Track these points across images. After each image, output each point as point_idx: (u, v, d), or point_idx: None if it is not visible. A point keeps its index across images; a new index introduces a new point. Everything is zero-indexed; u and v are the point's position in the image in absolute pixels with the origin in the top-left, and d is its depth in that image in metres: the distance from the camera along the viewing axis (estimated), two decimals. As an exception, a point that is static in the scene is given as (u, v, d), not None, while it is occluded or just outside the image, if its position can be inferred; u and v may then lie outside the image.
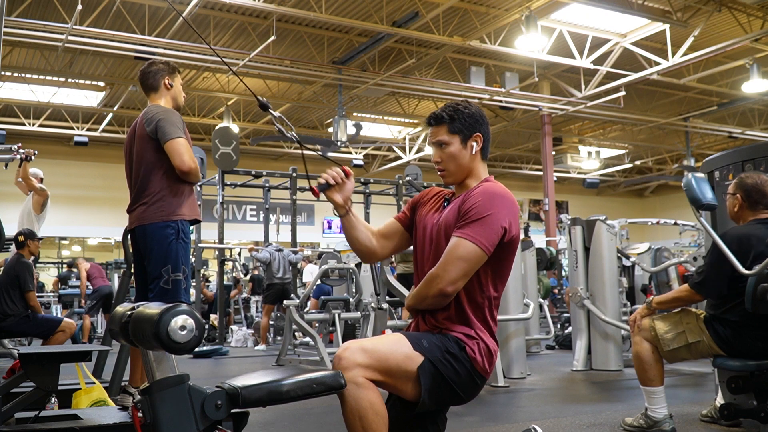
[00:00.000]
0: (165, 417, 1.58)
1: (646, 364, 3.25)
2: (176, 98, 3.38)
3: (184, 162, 3.10)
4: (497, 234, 1.97)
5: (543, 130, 14.91)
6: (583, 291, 5.95)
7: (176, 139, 3.11)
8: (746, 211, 3.24)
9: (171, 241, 3.15)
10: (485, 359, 2.02)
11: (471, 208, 1.99)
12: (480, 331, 2.02)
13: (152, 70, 3.35)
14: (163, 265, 3.12)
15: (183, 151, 3.11)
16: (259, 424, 3.69)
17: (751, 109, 16.60)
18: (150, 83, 3.35)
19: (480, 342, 2.01)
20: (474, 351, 1.99)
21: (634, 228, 17.50)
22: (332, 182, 2.09)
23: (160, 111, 3.20)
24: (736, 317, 3.08)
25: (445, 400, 2.01)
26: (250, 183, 10.70)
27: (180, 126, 3.17)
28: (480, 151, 2.12)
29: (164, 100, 3.34)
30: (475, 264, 1.96)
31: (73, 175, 16.25)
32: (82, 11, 8.89)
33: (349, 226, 2.17)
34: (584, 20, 10.84)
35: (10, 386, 2.70)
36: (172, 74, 3.37)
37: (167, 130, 3.12)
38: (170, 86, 3.35)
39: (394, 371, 1.89)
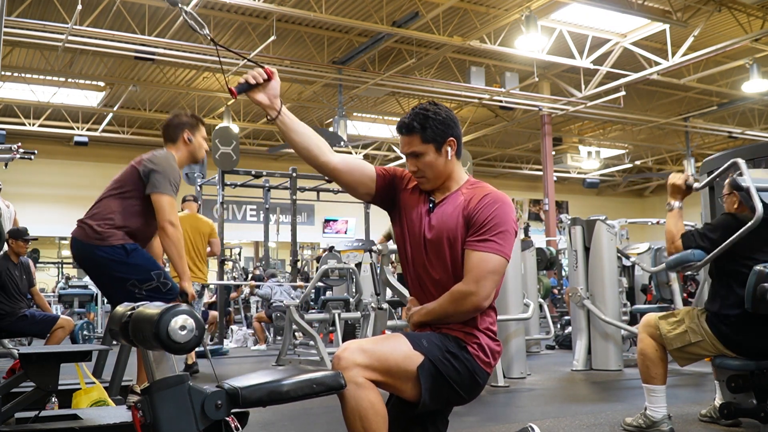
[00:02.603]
0: (165, 417, 1.58)
1: (649, 362, 3.25)
2: (194, 153, 3.44)
3: (169, 221, 3.16)
4: (512, 243, 2.02)
5: (543, 130, 14.90)
6: (583, 291, 5.95)
7: (165, 195, 3.18)
8: (744, 207, 3.24)
9: (121, 257, 3.16)
10: (487, 358, 2.01)
11: (489, 220, 1.99)
12: (481, 329, 2.02)
13: (174, 123, 3.43)
14: (125, 281, 3.15)
15: (169, 210, 3.18)
16: (259, 424, 3.69)
17: (751, 109, 16.59)
18: (169, 135, 3.43)
19: (481, 340, 2.01)
20: (475, 349, 1.99)
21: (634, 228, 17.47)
22: (252, 82, 1.99)
23: (163, 163, 3.24)
24: (736, 316, 3.08)
25: (446, 400, 2.01)
26: (250, 183, 10.70)
27: (175, 184, 3.23)
28: (455, 154, 2.11)
29: (180, 153, 3.39)
30: (503, 274, 1.99)
31: (73, 175, 16.26)
32: (82, 11, 8.89)
33: (286, 129, 2.05)
34: (584, 20, 10.84)
35: (10, 386, 2.70)
36: (194, 129, 3.43)
37: (160, 183, 3.18)
38: (189, 141, 3.41)
39: (394, 371, 1.89)
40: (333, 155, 2.11)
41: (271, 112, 2.02)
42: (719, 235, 3.14)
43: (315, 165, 2.10)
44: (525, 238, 9.69)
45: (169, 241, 3.17)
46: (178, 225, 3.20)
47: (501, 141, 18.80)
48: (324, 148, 2.09)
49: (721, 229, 3.16)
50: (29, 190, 15.32)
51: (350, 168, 2.13)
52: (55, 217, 15.59)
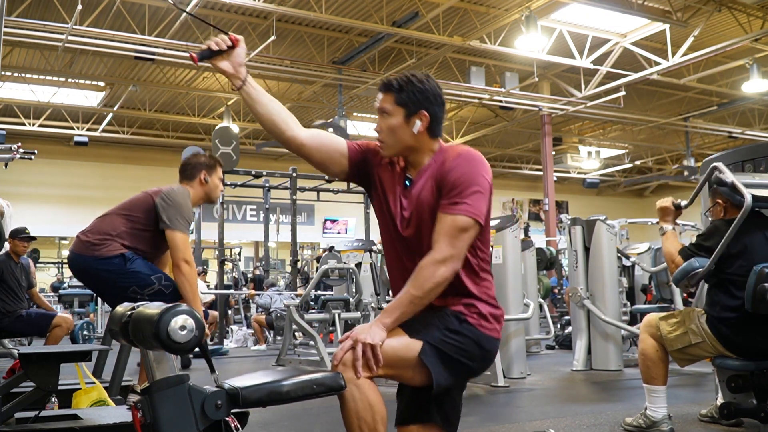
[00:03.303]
0: (165, 417, 1.58)
1: (650, 362, 3.25)
2: (210, 194, 3.49)
3: (184, 259, 3.20)
4: (486, 201, 1.93)
5: (543, 130, 14.91)
6: (583, 291, 5.95)
7: (180, 233, 3.22)
8: (732, 210, 3.25)
9: (119, 266, 3.18)
10: (490, 324, 1.96)
11: (460, 182, 1.90)
12: (480, 296, 1.97)
13: (192, 163, 3.48)
14: (126, 288, 3.16)
15: (185, 247, 3.22)
16: (259, 424, 3.69)
17: (751, 109, 16.59)
18: (187, 173, 3.47)
19: (481, 309, 1.95)
20: (476, 319, 1.94)
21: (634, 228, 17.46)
22: (215, 48, 1.91)
23: (179, 199, 3.28)
24: (735, 316, 3.09)
25: (458, 376, 1.96)
26: (250, 183, 10.70)
27: (188, 221, 3.28)
28: (426, 131, 1.97)
29: (195, 191, 3.43)
30: (474, 237, 1.91)
31: (73, 175, 16.26)
32: (82, 11, 8.89)
33: (251, 99, 1.97)
34: (584, 20, 10.84)
35: (10, 386, 2.70)
36: (211, 170, 3.47)
37: (174, 220, 3.22)
38: (205, 182, 3.45)
39: (395, 362, 1.87)
40: (300, 130, 2.01)
41: (235, 81, 1.95)
42: (714, 241, 3.16)
43: (281, 140, 2.02)
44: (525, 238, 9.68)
45: (184, 279, 3.19)
46: (192, 263, 3.23)
47: (501, 141, 18.80)
48: (290, 122, 2.00)
49: (715, 236, 3.18)
50: (29, 190, 15.32)
51: (319, 143, 2.03)
52: (55, 217, 15.60)
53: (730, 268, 3.14)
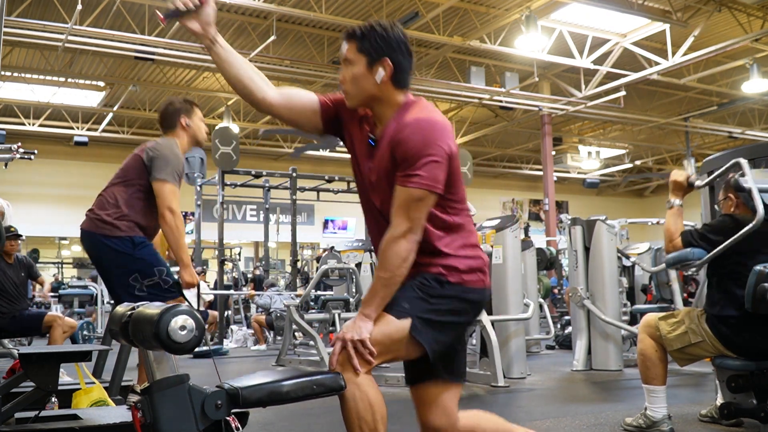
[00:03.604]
0: (165, 417, 1.58)
1: (649, 362, 3.25)
2: (195, 136, 3.44)
3: (168, 207, 3.15)
4: (444, 169, 1.84)
5: (543, 130, 14.91)
6: (583, 291, 5.95)
7: (167, 183, 3.16)
8: (744, 208, 3.24)
9: (127, 250, 3.16)
10: (474, 275, 1.94)
11: (413, 152, 1.82)
12: (457, 252, 1.93)
13: (169, 111, 3.41)
14: (128, 274, 3.13)
15: (170, 197, 3.16)
16: (259, 424, 3.69)
17: (751, 109, 16.60)
18: (167, 123, 3.42)
19: (460, 265, 1.93)
20: (458, 277, 1.92)
21: (634, 228, 17.48)
22: (182, 8, 1.85)
23: (166, 148, 3.24)
24: (736, 315, 3.08)
25: (454, 334, 1.97)
26: (250, 183, 10.70)
27: (177, 171, 3.22)
28: (391, 80, 1.90)
29: (181, 139, 3.39)
30: (432, 204, 1.86)
31: (73, 175, 16.26)
32: (82, 11, 8.90)
33: (220, 60, 1.94)
34: (584, 20, 10.84)
35: (10, 386, 2.70)
36: (189, 112, 3.41)
37: (162, 169, 3.17)
38: (187, 126, 3.40)
39: (390, 347, 1.87)
40: (270, 90, 1.98)
41: (203, 40, 1.91)
42: (719, 237, 3.14)
43: (251, 101, 1.98)
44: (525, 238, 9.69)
45: (167, 228, 3.16)
46: (177, 212, 3.17)
47: (501, 141, 18.81)
48: (260, 83, 1.96)
49: (721, 231, 3.16)
50: (29, 190, 15.32)
51: (290, 102, 2.00)
52: (54, 217, 15.60)
53: (731, 267, 3.14)
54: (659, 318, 3.32)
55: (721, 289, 3.19)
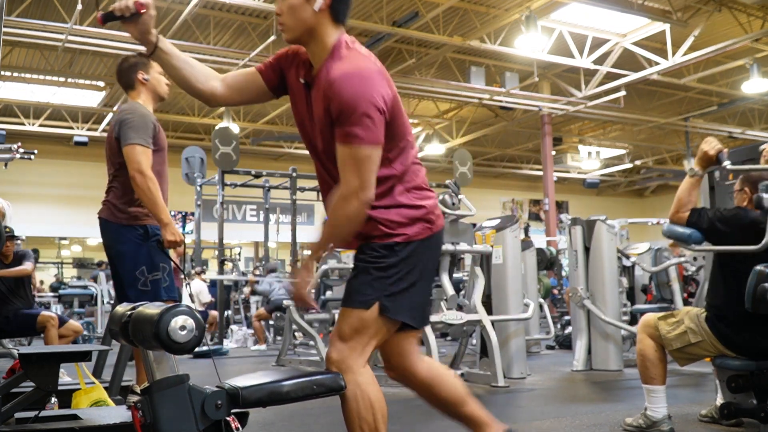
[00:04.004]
0: (165, 417, 1.58)
1: (648, 362, 3.24)
2: (155, 90, 3.31)
3: (137, 170, 3.03)
4: (381, 121, 1.80)
5: (543, 130, 14.91)
6: (583, 291, 5.94)
7: (134, 145, 3.06)
8: None
9: (139, 243, 3.13)
10: (421, 223, 1.93)
11: (344, 108, 1.77)
12: (400, 201, 1.92)
13: (124, 68, 3.30)
14: (135, 267, 3.11)
15: (138, 158, 3.04)
16: (259, 424, 3.69)
17: (751, 109, 16.60)
18: (125, 82, 3.31)
19: (404, 218, 1.91)
20: (404, 233, 1.91)
21: (634, 228, 17.48)
22: (117, 14, 1.84)
23: (127, 113, 3.15)
24: (736, 316, 3.08)
25: (425, 289, 1.98)
26: (250, 183, 10.70)
27: (144, 130, 3.10)
28: (329, 10, 1.86)
29: (143, 96, 3.29)
30: (378, 158, 1.82)
31: (73, 175, 16.26)
32: (82, 11, 8.89)
33: (164, 65, 1.95)
34: (584, 20, 10.84)
35: (10, 386, 2.70)
36: (146, 66, 3.29)
37: (127, 134, 3.08)
38: (145, 80, 3.28)
39: (373, 335, 1.89)
40: (216, 83, 1.99)
41: (144, 45, 1.91)
42: (728, 229, 3.09)
43: (202, 99, 2.00)
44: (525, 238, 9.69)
45: (139, 190, 3.05)
46: (147, 172, 3.04)
47: (501, 141, 18.80)
48: (205, 81, 1.98)
49: (733, 225, 3.10)
50: (29, 190, 15.32)
51: (235, 87, 2.02)
52: (54, 217, 15.61)
53: (732, 266, 3.13)
54: (659, 318, 3.31)
55: (721, 287, 3.18)
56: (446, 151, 17.23)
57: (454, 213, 5.33)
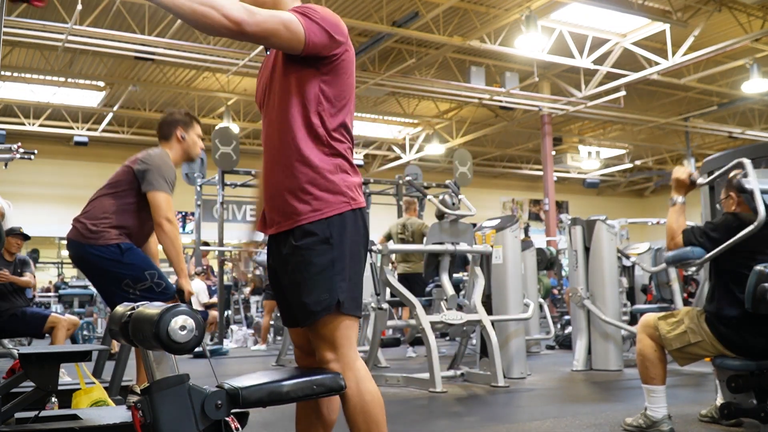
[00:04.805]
0: (165, 417, 1.58)
1: (648, 362, 3.25)
2: (188, 151, 3.44)
3: (165, 217, 3.15)
4: (326, 36, 1.76)
5: (543, 130, 14.92)
6: (583, 291, 5.95)
7: (161, 192, 3.17)
8: (744, 206, 3.25)
9: (116, 259, 3.16)
10: (348, 193, 1.84)
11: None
12: (330, 167, 1.84)
13: (167, 121, 3.44)
14: (120, 281, 3.14)
15: (166, 207, 3.17)
16: (259, 424, 3.69)
17: (751, 109, 16.60)
18: (163, 133, 3.44)
19: (335, 183, 1.83)
20: (334, 204, 1.82)
21: (634, 228, 17.49)
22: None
23: (158, 161, 3.24)
24: (735, 315, 3.09)
25: (358, 265, 1.89)
26: (250, 183, 10.69)
27: (170, 182, 3.23)
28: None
29: (173, 151, 3.40)
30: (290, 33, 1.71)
31: (73, 175, 16.26)
32: (82, 11, 8.90)
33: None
34: (584, 20, 10.84)
35: (10, 386, 2.70)
36: (187, 126, 3.43)
37: (154, 181, 3.18)
38: (182, 139, 3.41)
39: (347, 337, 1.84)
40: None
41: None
42: (721, 235, 3.13)
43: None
44: (525, 238, 9.69)
45: (166, 238, 3.16)
46: (174, 222, 3.19)
47: (501, 141, 18.80)
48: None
49: (723, 230, 3.15)
50: (29, 190, 15.32)
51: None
52: (54, 217, 15.58)
53: (731, 266, 3.14)
54: (658, 318, 3.32)
55: (721, 289, 3.19)
56: (446, 151, 17.24)
57: (454, 213, 5.33)
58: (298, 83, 1.83)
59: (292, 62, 1.83)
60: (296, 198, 1.82)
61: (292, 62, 1.83)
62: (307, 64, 1.82)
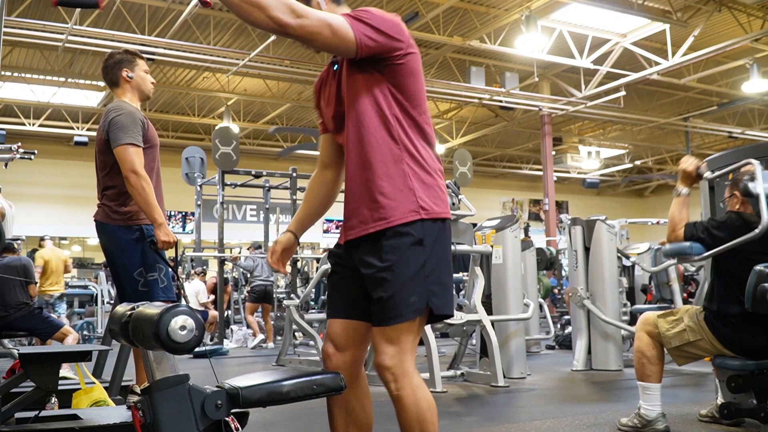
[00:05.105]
0: (165, 417, 1.58)
1: (645, 359, 3.25)
2: (140, 88, 3.27)
3: (131, 170, 3.00)
4: (381, 36, 1.78)
5: (543, 130, 14.91)
6: (583, 291, 5.95)
7: (126, 146, 3.03)
8: (748, 206, 3.24)
9: (136, 243, 3.11)
10: (434, 196, 1.84)
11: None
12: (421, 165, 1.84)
13: (109, 65, 3.25)
14: (134, 268, 3.10)
15: (131, 159, 3.01)
16: (259, 424, 3.69)
17: (751, 109, 16.60)
18: (109, 79, 3.27)
19: (424, 183, 1.83)
20: (427, 208, 1.81)
21: (634, 228, 17.50)
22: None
23: (115, 112, 3.11)
24: (735, 316, 3.09)
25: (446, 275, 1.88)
26: (250, 183, 10.70)
27: (134, 128, 3.06)
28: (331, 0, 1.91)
29: (128, 95, 3.25)
30: (336, 36, 1.71)
31: (73, 175, 16.26)
32: (82, 11, 8.90)
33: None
34: (584, 20, 10.84)
35: (10, 386, 2.70)
36: (131, 64, 3.25)
37: (117, 135, 3.04)
38: (129, 78, 3.24)
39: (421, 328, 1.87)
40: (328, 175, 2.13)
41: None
42: (723, 233, 3.12)
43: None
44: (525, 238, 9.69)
45: (134, 191, 3.02)
46: (140, 172, 3.02)
47: (501, 141, 18.80)
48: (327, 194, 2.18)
49: (727, 229, 3.13)
50: (29, 190, 15.31)
51: (334, 159, 2.09)
52: (54, 217, 15.60)
53: (731, 266, 3.14)
54: (658, 315, 3.32)
55: (721, 287, 3.19)
56: (446, 151, 17.23)
57: (454, 213, 5.33)
58: (369, 89, 1.84)
59: (358, 69, 1.84)
60: (386, 199, 1.80)
61: (358, 69, 1.84)
62: (372, 67, 1.82)
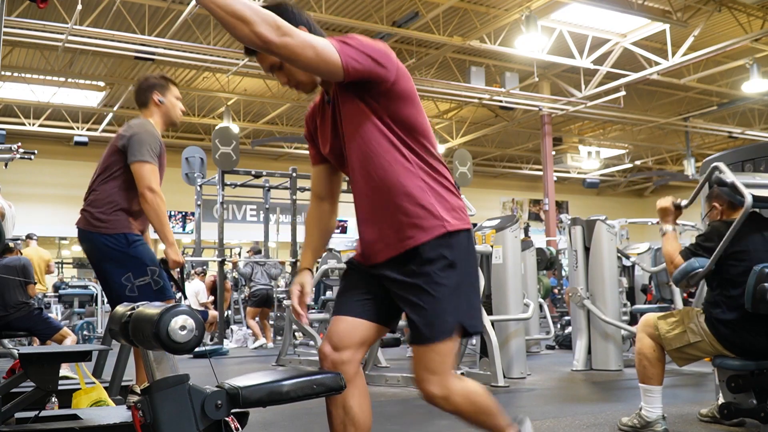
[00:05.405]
0: (165, 417, 1.58)
1: (646, 362, 3.25)
2: (168, 114, 3.36)
3: (148, 187, 3.08)
4: (368, 60, 1.76)
5: (543, 130, 14.91)
6: (583, 291, 5.95)
7: (144, 163, 3.10)
8: (729, 212, 3.28)
9: (121, 249, 3.12)
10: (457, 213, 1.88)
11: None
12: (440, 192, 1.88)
13: (143, 87, 3.36)
14: (121, 274, 3.11)
15: (149, 176, 3.09)
16: (259, 424, 3.69)
17: (751, 109, 16.60)
18: (140, 100, 3.37)
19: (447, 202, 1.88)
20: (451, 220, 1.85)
21: (634, 228, 17.49)
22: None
23: (138, 130, 3.18)
24: (735, 316, 3.09)
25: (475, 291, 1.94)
26: (250, 183, 10.70)
27: (153, 148, 3.14)
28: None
29: (155, 117, 3.34)
30: (320, 57, 1.70)
31: (73, 175, 16.23)
32: (82, 11, 8.90)
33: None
34: (584, 20, 10.84)
35: (10, 386, 2.70)
36: (164, 89, 3.35)
37: (136, 151, 3.11)
38: (160, 103, 3.33)
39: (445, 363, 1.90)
40: (324, 207, 2.23)
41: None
42: (713, 243, 3.18)
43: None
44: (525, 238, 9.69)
45: (148, 208, 3.09)
46: (157, 191, 3.11)
47: (501, 141, 18.80)
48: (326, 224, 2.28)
49: (716, 235, 3.19)
50: (29, 190, 15.32)
51: (329, 189, 2.25)
52: (55, 217, 15.59)
53: (730, 268, 3.14)
54: (658, 317, 3.32)
55: (720, 290, 3.19)
56: (446, 151, 17.23)
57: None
58: (368, 116, 1.84)
59: (353, 100, 1.83)
60: (410, 218, 1.84)
61: (352, 100, 1.84)
62: (367, 95, 1.82)
